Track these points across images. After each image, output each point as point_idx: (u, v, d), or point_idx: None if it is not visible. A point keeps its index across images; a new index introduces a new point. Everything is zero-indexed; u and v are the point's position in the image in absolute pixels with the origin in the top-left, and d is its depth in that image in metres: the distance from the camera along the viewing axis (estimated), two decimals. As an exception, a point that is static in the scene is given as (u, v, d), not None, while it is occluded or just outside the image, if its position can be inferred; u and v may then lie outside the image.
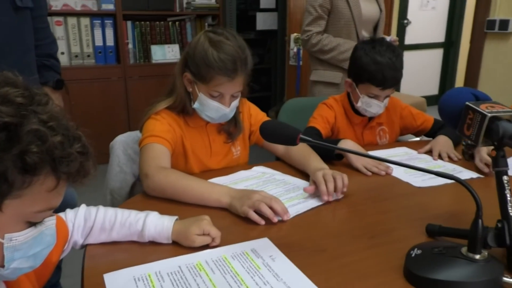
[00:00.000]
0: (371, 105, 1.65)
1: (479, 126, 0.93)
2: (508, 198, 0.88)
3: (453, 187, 1.32)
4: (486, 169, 1.45)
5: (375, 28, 2.42)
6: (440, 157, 1.61)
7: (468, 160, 1.56)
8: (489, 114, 0.90)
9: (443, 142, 1.66)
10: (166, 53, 3.90)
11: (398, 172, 1.45)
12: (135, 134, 1.56)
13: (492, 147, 0.92)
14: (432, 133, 1.82)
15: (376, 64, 1.58)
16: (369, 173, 1.44)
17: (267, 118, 1.54)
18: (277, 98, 5.11)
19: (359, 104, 1.68)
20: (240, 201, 1.11)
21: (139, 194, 1.26)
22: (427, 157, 1.63)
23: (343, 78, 2.30)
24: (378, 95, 1.63)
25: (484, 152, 1.49)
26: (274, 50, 5.07)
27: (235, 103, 1.36)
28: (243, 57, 1.29)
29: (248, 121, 1.54)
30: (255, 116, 1.55)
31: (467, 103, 0.96)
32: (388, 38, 2.18)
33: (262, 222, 1.07)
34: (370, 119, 1.77)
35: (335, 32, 2.33)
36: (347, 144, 1.50)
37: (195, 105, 1.36)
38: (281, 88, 4.82)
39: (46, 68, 1.68)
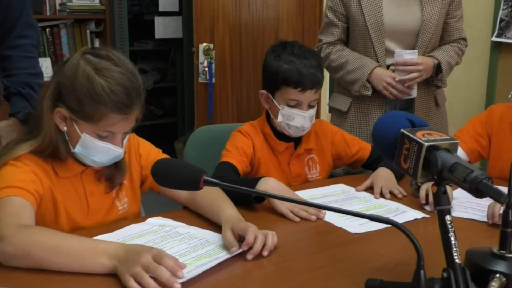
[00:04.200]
0: (294, 116, 1.73)
1: (416, 158, 1.01)
2: (453, 242, 0.96)
3: (395, 231, 1.39)
4: (424, 200, 1.58)
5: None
6: (382, 194, 1.71)
7: (416, 195, 1.67)
8: (426, 143, 0.99)
9: (384, 176, 1.77)
10: (32, 70, 3.77)
11: (331, 216, 1.51)
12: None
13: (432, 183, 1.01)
14: (370, 163, 1.94)
15: (290, 63, 1.70)
16: (297, 219, 1.49)
17: (163, 156, 1.54)
18: (185, 125, 5.12)
19: (279, 119, 1.75)
20: (125, 266, 1.09)
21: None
22: (367, 195, 1.73)
23: (352, 105, 2.28)
24: (300, 101, 1.72)
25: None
26: (180, 64, 5.11)
27: (126, 139, 1.38)
28: (137, 85, 1.31)
29: (138, 163, 1.54)
30: (146, 156, 1.55)
31: (402, 130, 1.05)
32: (403, 53, 2.11)
33: None
34: (297, 144, 1.85)
35: (354, 45, 2.28)
36: (268, 183, 1.54)
37: (77, 149, 1.34)
38: (190, 113, 4.84)
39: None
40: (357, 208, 1.61)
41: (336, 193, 1.74)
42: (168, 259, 1.08)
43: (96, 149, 1.33)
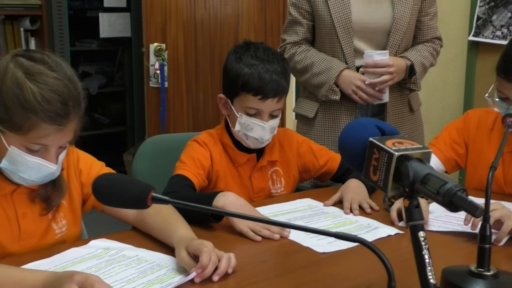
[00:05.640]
0: (252, 126, 1.73)
1: (386, 169, 1.03)
2: (427, 260, 0.97)
3: (365, 250, 1.41)
4: (396, 221, 1.60)
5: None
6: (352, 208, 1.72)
7: (389, 212, 1.69)
8: (397, 153, 1.01)
9: (355, 188, 1.79)
10: (-42, 73, 3.68)
11: (297, 235, 1.51)
12: None
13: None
14: (339, 176, 1.95)
15: (251, 66, 1.70)
16: (259, 238, 1.49)
17: (106, 170, 1.54)
18: (135, 134, 5.08)
19: (237, 128, 1.75)
20: None
21: None
22: (336, 210, 1.74)
23: (319, 111, 2.31)
24: (260, 110, 1.72)
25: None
26: (128, 66, 5.08)
27: (63, 155, 1.36)
28: (76, 93, 1.30)
29: (78, 180, 1.52)
30: (87, 171, 1.53)
31: (370, 139, 1.07)
32: (373, 53, 2.13)
33: None
34: (259, 156, 1.85)
35: (320, 45, 2.31)
36: (227, 198, 1.54)
37: (3, 164, 1.31)
38: (140, 121, 4.81)
39: None
40: (325, 225, 1.62)
41: (302, 209, 1.75)
42: (101, 285, 1.06)
43: (25, 165, 1.30)
